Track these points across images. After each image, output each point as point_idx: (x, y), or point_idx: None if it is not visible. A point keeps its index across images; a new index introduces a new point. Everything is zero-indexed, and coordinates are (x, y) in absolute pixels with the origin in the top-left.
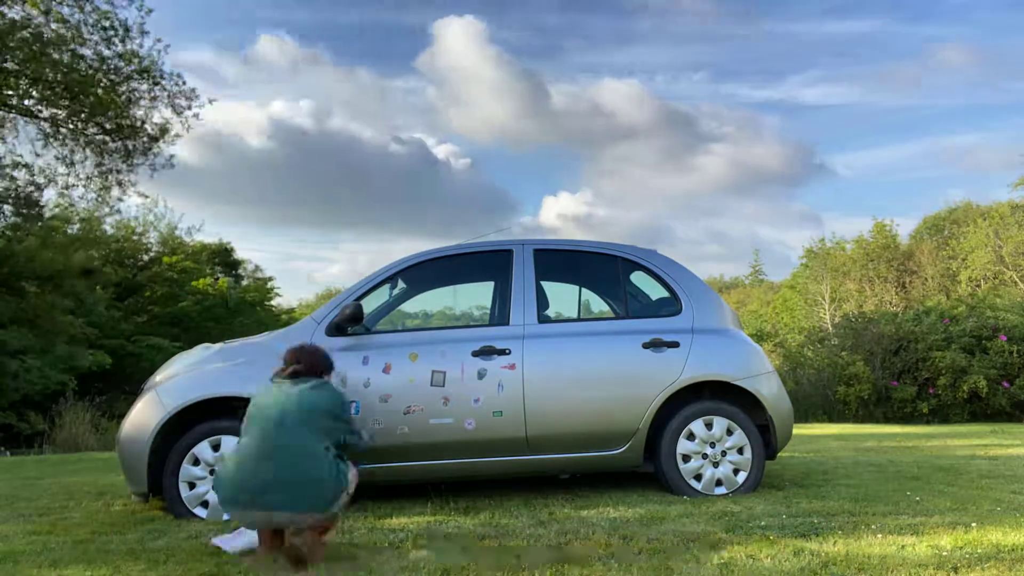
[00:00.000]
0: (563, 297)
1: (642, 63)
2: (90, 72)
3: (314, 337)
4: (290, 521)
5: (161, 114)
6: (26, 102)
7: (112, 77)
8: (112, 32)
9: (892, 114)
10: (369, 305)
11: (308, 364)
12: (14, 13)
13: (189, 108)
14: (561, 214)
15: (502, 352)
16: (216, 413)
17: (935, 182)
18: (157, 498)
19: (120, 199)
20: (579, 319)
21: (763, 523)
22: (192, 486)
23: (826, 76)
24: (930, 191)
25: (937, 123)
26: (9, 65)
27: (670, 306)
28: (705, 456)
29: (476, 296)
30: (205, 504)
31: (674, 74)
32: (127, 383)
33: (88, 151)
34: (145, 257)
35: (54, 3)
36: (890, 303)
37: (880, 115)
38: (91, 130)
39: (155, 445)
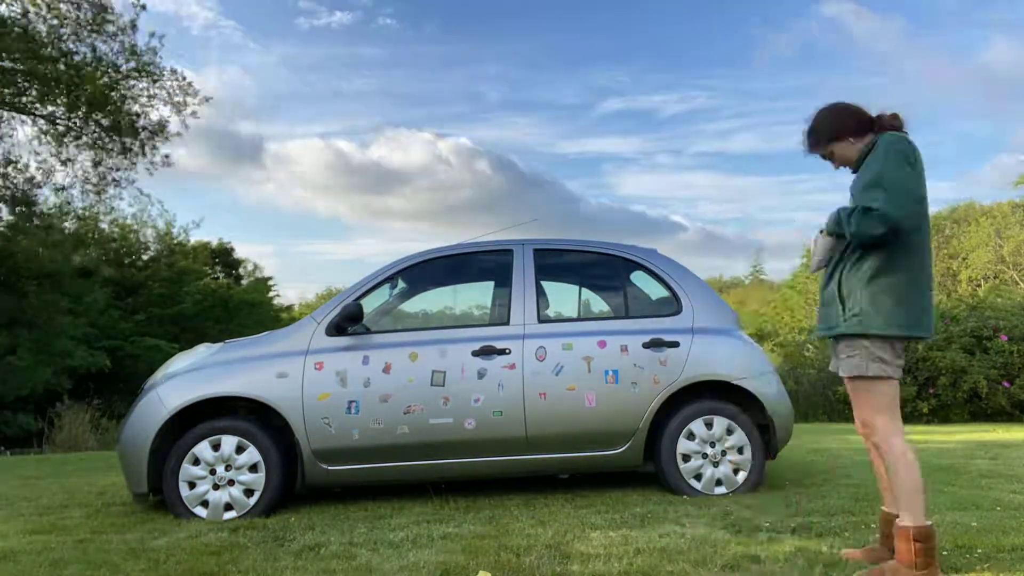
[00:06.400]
0: (563, 297)
1: None
2: (87, 69)
3: (314, 337)
4: None
5: (159, 111)
6: (23, 99)
7: (110, 74)
8: (108, 26)
9: None
10: (369, 305)
11: None
12: (10, 11)
13: (187, 105)
14: None
15: (502, 352)
16: (216, 413)
17: None
18: (157, 498)
19: (118, 198)
20: (579, 319)
21: (763, 523)
22: (192, 486)
23: None
24: None
25: None
26: (6, 63)
27: (670, 306)
28: (705, 456)
29: (476, 296)
30: (205, 504)
31: None
32: (126, 383)
33: (85, 149)
34: (144, 256)
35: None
36: None
37: None
38: (89, 128)
39: (155, 445)
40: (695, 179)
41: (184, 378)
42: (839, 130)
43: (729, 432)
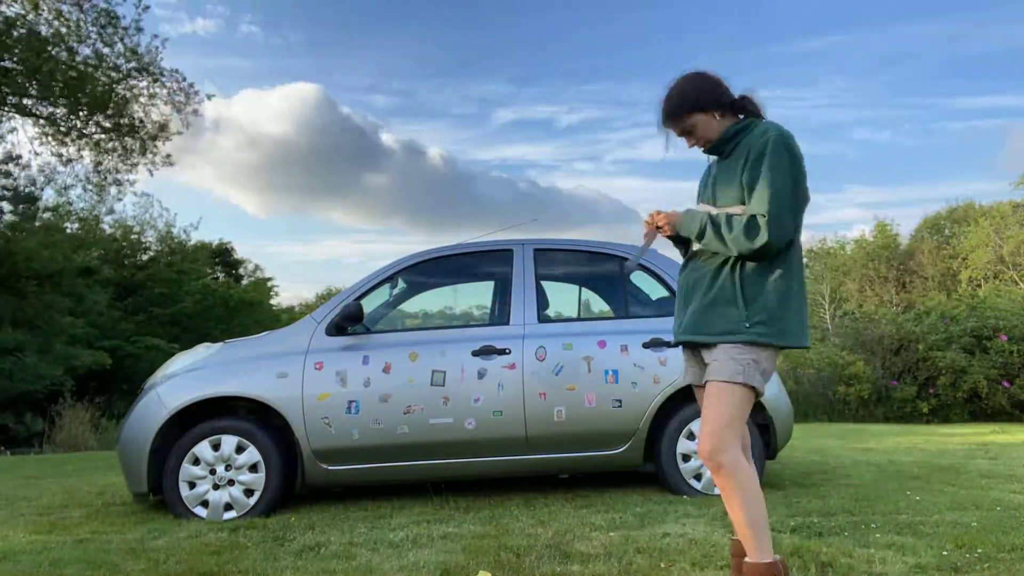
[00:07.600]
0: (563, 297)
1: None
2: (88, 70)
3: (314, 336)
4: None
5: (160, 111)
6: (24, 100)
7: (111, 74)
8: (111, 30)
9: None
10: (369, 305)
11: None
12: (11, 11)
13: (188, 105)
14: None
15: (502, 352)
16: (216, 413)
17: None
18: (157, 498)
19: (118, 198)
20: (579, 319)
21: None
22: (192, 486)
23: None
24: None
25: None
26: (7, 63)
27: (670, 306)
28: None
29: (476, 296)
30: (205, 504)
31: None
32: (127, 383)
33: (86, 150)
34: (144, 257)
35: (53, 1)
36: (890, 303)
37: None
38: (90, 128)
39: (155, 445)
40: (625, 184)
41: (184, 378)
42: (704, 101)
43: None
